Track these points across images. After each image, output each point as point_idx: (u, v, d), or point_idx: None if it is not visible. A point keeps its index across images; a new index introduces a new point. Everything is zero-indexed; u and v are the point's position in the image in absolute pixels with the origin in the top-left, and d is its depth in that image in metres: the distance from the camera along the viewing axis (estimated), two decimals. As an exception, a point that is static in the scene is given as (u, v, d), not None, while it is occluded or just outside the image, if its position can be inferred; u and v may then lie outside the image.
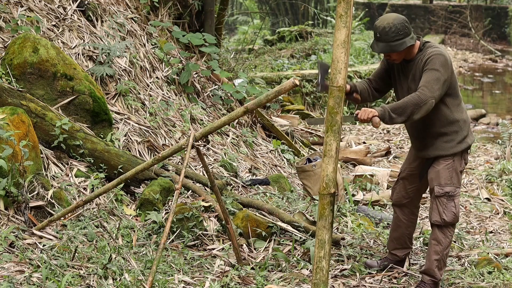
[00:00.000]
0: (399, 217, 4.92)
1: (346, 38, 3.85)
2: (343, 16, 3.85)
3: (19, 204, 4.76)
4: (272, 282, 4.60)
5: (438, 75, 4.37)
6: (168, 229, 4.07)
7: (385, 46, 4.45)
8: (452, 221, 4.56)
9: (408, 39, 4.44)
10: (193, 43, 8.10)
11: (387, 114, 4.30)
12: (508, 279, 4.82)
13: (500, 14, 25.96)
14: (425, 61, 4.44)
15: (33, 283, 3.98)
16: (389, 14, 4.53)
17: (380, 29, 4.44)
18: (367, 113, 4.30)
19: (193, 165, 6.37)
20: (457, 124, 4.55)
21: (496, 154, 9.07)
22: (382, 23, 4.44)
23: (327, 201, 4.00)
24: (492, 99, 17.26)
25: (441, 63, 4.39)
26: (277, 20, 24.42)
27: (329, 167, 3.95)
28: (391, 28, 4.40)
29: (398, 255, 4.98)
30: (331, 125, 3.92)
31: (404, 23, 4.44)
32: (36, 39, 5.78)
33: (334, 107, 3.92)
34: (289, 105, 9.94)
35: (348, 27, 3.84)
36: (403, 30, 4.42)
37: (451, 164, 4.56)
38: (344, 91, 3.91)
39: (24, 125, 4.94)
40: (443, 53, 4.46)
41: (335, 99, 3.91)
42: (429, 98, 4.30)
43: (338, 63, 3.88)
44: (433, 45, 4.54)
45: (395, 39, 4.41)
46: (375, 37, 4.51)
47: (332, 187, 3.98)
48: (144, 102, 6.78)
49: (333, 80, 3.89)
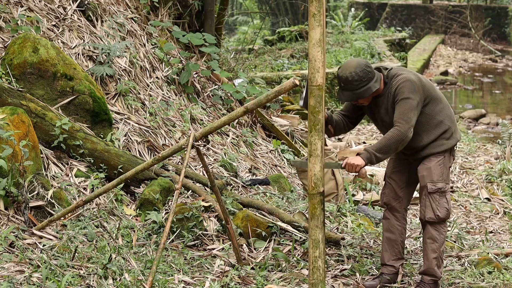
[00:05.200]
0: (392, 222, 4.80)
1: (321, 36, 3.85)
2: (316, 15, 3.85)
3: (19, 204, 4.76)
4: (272, 282, 4.60)
5: (411, 102, 4.41)
6: (168, 229, 4.07)
7: (351, 94, 4.46)
8: (445, 217, 4.59)
9: (372, 84, 4.44)
10: (193, 43, 8.10)
11: (373, 157, 4.40)
12: (508, 279, 4.82)
13: (500, 14, 25.97)
14: (394, 93, 4.47)
15: (33, 283, 3.98)
16: (350, 61, 4.51)
17: (343, 79, 4.44)
18: (354, 166, 4.39)
19: (193, 165, 6.37)
20: (442, 124, 4.59)
21: (496, 154, 9.07)
22: (345, 73, 4.43)
23: (317, 200, 4.01)
24: (492, 99, 17.26)
25: (410, 89, 4.43)
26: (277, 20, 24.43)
27: (316, 166, 3.96)
28: (353, 77, 4.40)
29: (395, 266, 4.80)
30: (314, 124, 3.92)
31: (365, 69, 4.43)
32: (36, 39, 5.78)
33: (315, 106, 3.92)
34: (289, 105, 9.93)
35: (322, 25, 3.85)
36: (366, 76, 4.42)
37: (442, 161, 4.59)
38: (323, 89, 3.91)
39: (24, 125, 4.94)
40: (408, 77, 4.47)
41: (315, 98, 3.91)
42: (408, 130, 4.38)
43: (315, 62, 3.88)
44: (396, 73, 4.54)
45: (359, 87, 4.42)
46: (340, 86, 4.50)
47: (320, 186, 3.99)
48: (144, 102, 6.78)
49: (312, 80, 3.89)
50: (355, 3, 26.52)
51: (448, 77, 19.20)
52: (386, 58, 14.32)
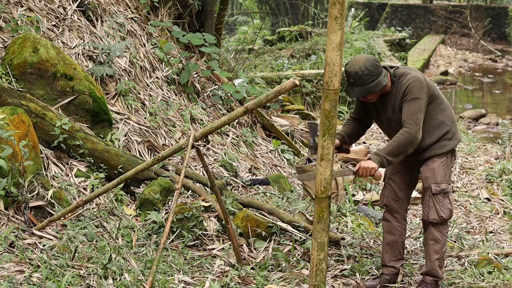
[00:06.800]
0: (393, 223, 4.80)
1: (341, 40, 3.80)
2: (338, 18, 3.78)
3: (19, 204, 4.76)
4: (272, 282, 4.60)
5: (420, 103, 4.40)
6: (168, 229, 4.07)
7: (360, 90, 4.42)
8: (448, 218, 4.59)
9: (382, 78, 4.42)
10: (193, 43, 8.10)
11: (384, 161, 4.39)
12: (508, 279, 4.82)
13: (500, 14, 25.96)
14: (404, 91, 4.44)
15: (33, 283, 3.98)
16: (358, 57, 4.48)
17: (352, 74, 4.40)
18: (368, 170, 4.36)
19: (193, 165, 6.36)
20: (443, 125, 4.58)
21: (496, 154, 9.07)
22: (354, 68, 4.40)
23: (325, 204, 3.99)
24: (492, 99, 17.26)
25: (419, 89, 4.42)
26: (277, 20, 24.42)
27: (326, 170, 3.93)
28: (363, 72, 4.37)
29: (396, 267, 4.81)
30: (328, 128, 3.90)
31: (374, 63, 4.41)
32: (36, 39, 5.78)
33: (330, 111, 3.89)
34: (289, 105, 9.93)
35: (343, 29, 3.79)
36: (375, 71, 4.40)
37: (445, 162, 4.59)
38: (338, 93, 3.90)
39: (24, 125, 4.94)
40: (418, 76, 4.46)
41: (331, 102, 3.88)
42: (418, 132, 4.37)
43: (334, 66, 3.83)
44: (404, 72, 4.52)
45: (369, 81, 4.39)
46: (349, 82, 4.46)
47: (329, 190, 3.97)
48: (144, 102, 6.78)
49: (328, 84, 3.86)
50: (355, 3, 26.52)
51: (448, 77, 19.21)
52: (386, 58, 14.31)
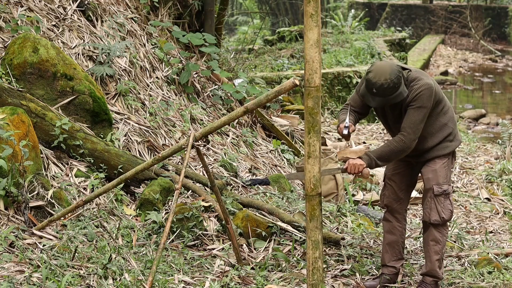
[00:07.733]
0: (394, 224, 4.80)
1: (318, 37, 3.82)
2: (313, 16, 3.81)
3: (19, 204, 4.76)
4: (272, 282, 4.60)
5: (424, 112, 4.39)
6: (168, 229, 4.07)
7: (382, 100, 4.38)
8: (449, 219, 4.60)
9: (402, 89, 4.36)
10: (193, 43, 8.10)
11: (373, 162, 4.43)
12: (508, 279, 4.82)
13: (500, 14, 25.96)
14: (413, 97, 4.40)
15: (33, 283, 3.98)
16: (382, 66, 4.37)
17: (377, 85, 4.31)
18: (356, 167, 4.40)
19: (193, 165, 6.36)
20: (446, 127, 4.58)
21: (496, 154, 9.07)
22: (379, 79, 4.30)
23: (316, 202, 4.00)
24: (492, 99, 17.27)
25: (428, 98, 4.39)
26: (277, 20, 24.42)
27: (314, 167, 3.94)
28: (389, 85, 4.30)
29: (396, 267, 4.81)
30: (313, 126, 3.90)
31: (398, 75, 4.33)
32: (36, 39, 5.77)
33: (314, 108, 3.90)
34: (289, 105, 9.93)
35: (319, 26, 3.81)
36: (398, 82, 4.33)
37: (447, 163, 4.59)
38: (320, 90, 3.90)
39: (24, 125, 4.94)
40: (430, 84, 4.41)
41: (313, 99, 3.88)
42: (413, 142, 4.39)
43: (313, 63, 3.84)
44: (417, 77, 4.45)
45: (392, 93, 4.34)
46: (371, 92, 4.37)
47: (319, 187, 3.98)
48: (144, 102, 6.78)
49: (309, 81, 3.86)
50: (355, 3, 26.52)
51: (448, 77, 19.22)
52: (386, 58, 14.30)
